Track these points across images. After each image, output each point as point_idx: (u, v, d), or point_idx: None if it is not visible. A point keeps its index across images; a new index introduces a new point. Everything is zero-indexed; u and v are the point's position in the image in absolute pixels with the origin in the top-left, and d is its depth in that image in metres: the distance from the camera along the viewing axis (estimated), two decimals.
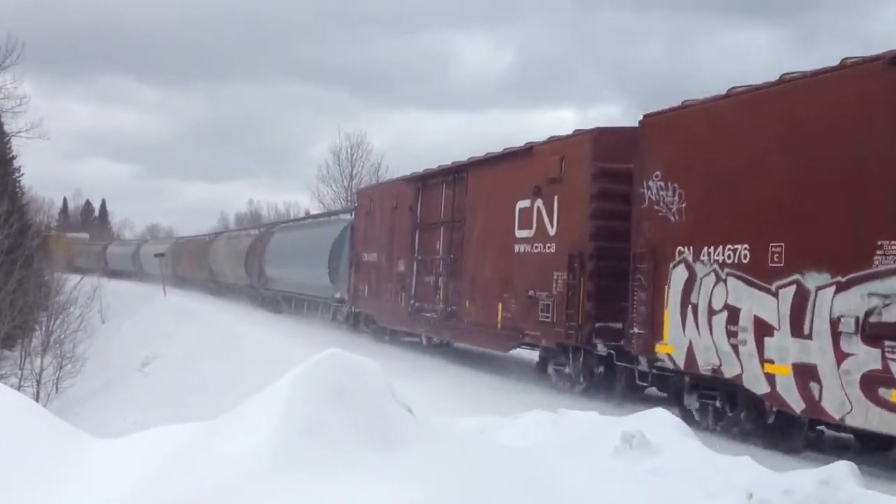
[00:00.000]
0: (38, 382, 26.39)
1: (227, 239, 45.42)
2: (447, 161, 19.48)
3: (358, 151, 53.40)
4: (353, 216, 26.33)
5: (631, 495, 5.77)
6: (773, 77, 9.87)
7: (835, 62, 9.00)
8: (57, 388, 26.98)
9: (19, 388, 21.66)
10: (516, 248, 14.65)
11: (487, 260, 15.81)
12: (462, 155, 18.98)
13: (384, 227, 21.12)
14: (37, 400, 21.46)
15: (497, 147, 17.53)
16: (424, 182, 19.12)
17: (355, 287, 23.33)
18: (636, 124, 12.10)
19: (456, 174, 17.52)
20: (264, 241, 35.33)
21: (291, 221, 43.08)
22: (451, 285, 17.13)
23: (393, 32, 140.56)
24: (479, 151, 18.65)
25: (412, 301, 18.77)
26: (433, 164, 20.74)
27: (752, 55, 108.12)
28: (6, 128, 36.20)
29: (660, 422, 7.40)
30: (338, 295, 25.52)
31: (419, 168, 21.42)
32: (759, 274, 9.54)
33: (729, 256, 10.01)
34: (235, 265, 38.86)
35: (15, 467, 5.32)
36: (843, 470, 5.65)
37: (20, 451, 5.51)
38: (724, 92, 10.56)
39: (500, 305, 14.99)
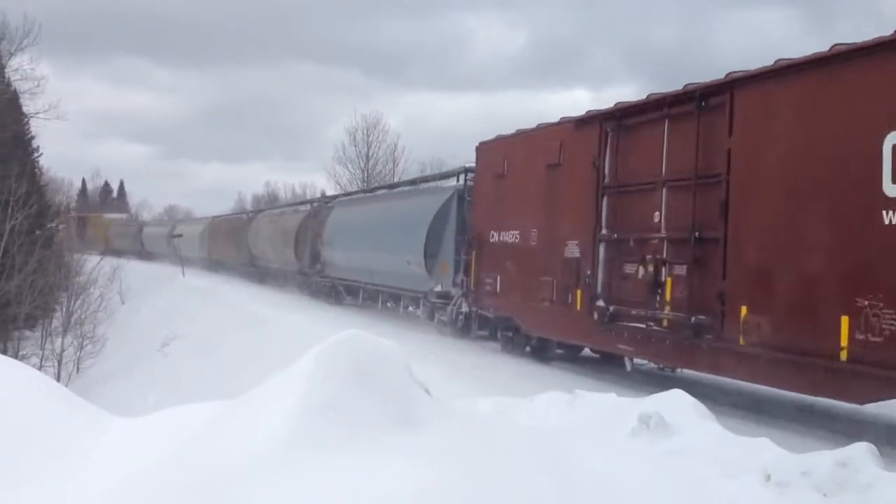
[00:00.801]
0: (59, 362, 26.75)
1: (269, 217, 39.02)
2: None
3: (374, 132, 53.69)
4: (459, 181, 20.07)
5: (649, 476, 5.77)
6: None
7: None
8: (78, 368, 27.37)
9: (40, 367, 21.92)
10: (889, 216, 8.55)
11: (802, 240, 9.76)
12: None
13: (533, 194, 15.42)
14: (58, 380, 21.72)
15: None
16: (620, 122, 13.12)
17: (477, 278, 17.46)
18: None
19: (701, 101, 11.27)
20: (321, 219, 29.44)
21: (360, 193, 35.05)
22: (697, 280, 11.18)
23: (405, 13, 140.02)
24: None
25: (599, 302, 13.08)
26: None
27: (766, 34, 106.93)
28: (24, 109, 36.49)
29: (677, 403, 7.35)
30: (438, 288, 19.64)
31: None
32: None
33: None
34: (282, 247, 33.53)
35: (35, 445, 5.39)
36: (862, 451, 5.63)
37: (41, 429, 5.59)
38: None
39: (845, 320, 8.92)
